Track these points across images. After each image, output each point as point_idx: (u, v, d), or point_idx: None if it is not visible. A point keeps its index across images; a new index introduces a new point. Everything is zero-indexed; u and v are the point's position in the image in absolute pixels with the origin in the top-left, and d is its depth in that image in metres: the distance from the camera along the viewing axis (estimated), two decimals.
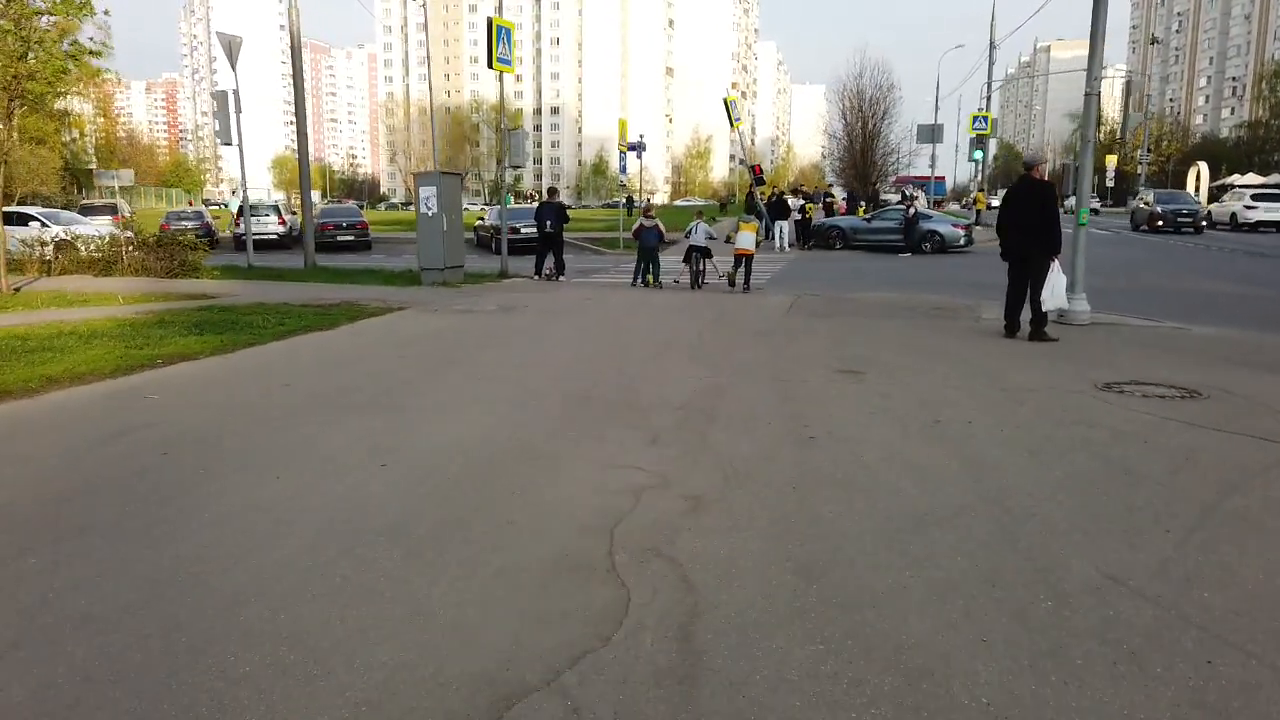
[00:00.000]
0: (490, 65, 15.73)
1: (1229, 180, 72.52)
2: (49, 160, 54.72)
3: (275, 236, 29.00)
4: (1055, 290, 8.38)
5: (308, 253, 18.07)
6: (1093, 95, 9.74)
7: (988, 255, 23.89)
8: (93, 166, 67.96)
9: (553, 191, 16.81)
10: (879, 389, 6.09)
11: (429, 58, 34.44)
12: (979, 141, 37.64)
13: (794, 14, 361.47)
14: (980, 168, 39.03)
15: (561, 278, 15.91)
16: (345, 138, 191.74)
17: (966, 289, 14.23)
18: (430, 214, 14.64)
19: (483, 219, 29.07)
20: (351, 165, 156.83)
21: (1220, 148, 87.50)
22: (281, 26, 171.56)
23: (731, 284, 14.00)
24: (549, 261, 15.99)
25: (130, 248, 15.31)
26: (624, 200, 28.53)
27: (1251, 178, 70.04)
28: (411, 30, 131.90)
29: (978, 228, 28.66)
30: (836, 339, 8.54)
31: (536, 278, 15.96)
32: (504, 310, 10.85)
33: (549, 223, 15.65)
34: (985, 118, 37.00)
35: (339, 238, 28.35)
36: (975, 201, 36.70)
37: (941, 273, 18.25)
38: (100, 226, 17.93)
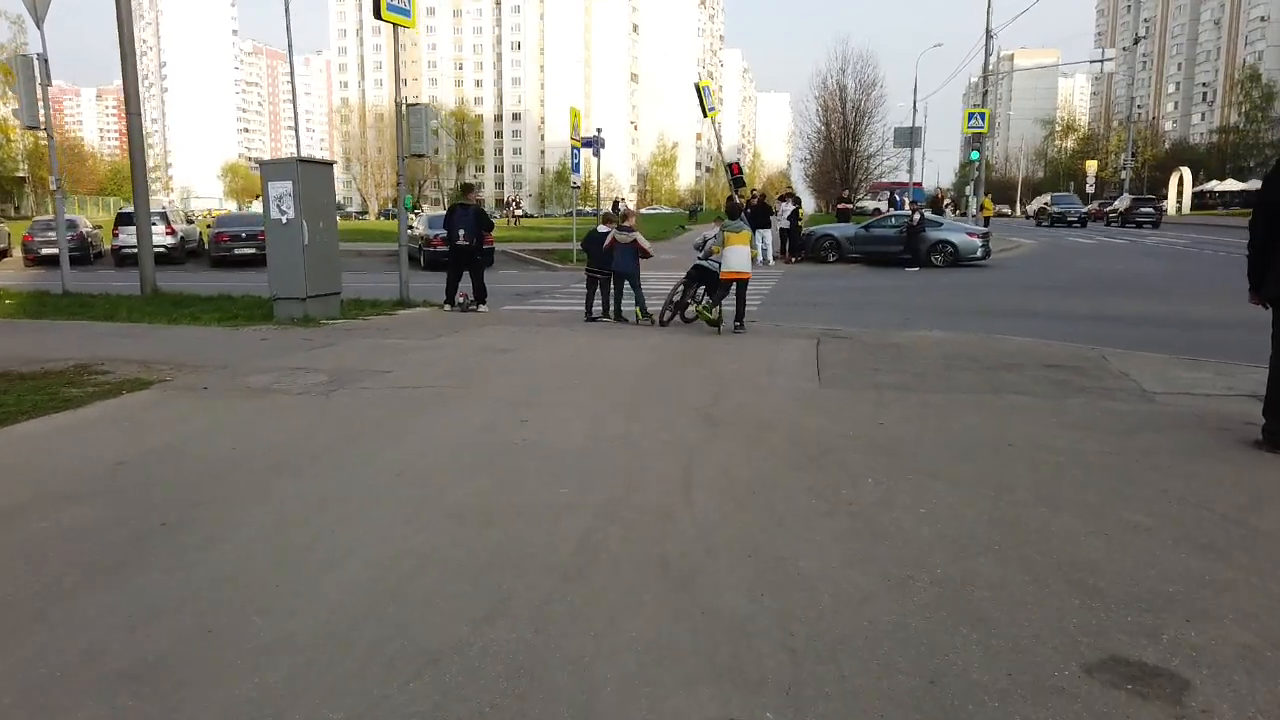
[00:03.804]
0: (378, 15, 11.34)
1: (1208, 186, 70.37)
2: None
3: (163, 249, 24.22)
4: None
5: (144, 273, 13.41)
6: None
7: (1007, 269, 19.88)
8: (23, 175, 61.87)
9: (467, 189, 12.23)
10: None
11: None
12: (975, 140, 33.94)
13: (757, 23, 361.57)
14: (978, 169, 35.27)
15: (482, 307, 11.53)
16: (303, 145, 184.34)
17: (1031, 321, 10.40)
18: (285, 220, 10.14)
19: (413, 227, 24.54)
20: None
21: (1194, 154, 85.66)
22: (235, 31, 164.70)
23: (715, 323, 9.50)
24: (465, 284, 11.62)
25: None
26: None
27: (1230, 183, 67.85)
28: (367, 35, 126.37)
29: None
30: (963, 476, 4.09)
31: (447, 307, 11.58)
32: (334, 386, 6.17)
33: (461, 233, 11.25)
34: (982, 114, 33.24)
35: (237, 250, 23.78)
36: (982, 208, 32.79)
37: (974, 294, 14.17)
38: None
